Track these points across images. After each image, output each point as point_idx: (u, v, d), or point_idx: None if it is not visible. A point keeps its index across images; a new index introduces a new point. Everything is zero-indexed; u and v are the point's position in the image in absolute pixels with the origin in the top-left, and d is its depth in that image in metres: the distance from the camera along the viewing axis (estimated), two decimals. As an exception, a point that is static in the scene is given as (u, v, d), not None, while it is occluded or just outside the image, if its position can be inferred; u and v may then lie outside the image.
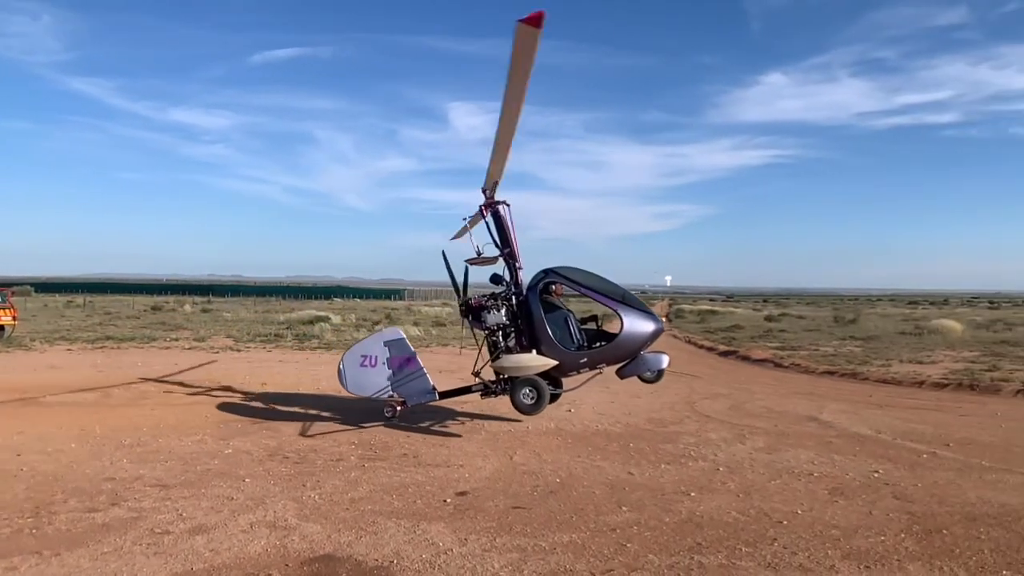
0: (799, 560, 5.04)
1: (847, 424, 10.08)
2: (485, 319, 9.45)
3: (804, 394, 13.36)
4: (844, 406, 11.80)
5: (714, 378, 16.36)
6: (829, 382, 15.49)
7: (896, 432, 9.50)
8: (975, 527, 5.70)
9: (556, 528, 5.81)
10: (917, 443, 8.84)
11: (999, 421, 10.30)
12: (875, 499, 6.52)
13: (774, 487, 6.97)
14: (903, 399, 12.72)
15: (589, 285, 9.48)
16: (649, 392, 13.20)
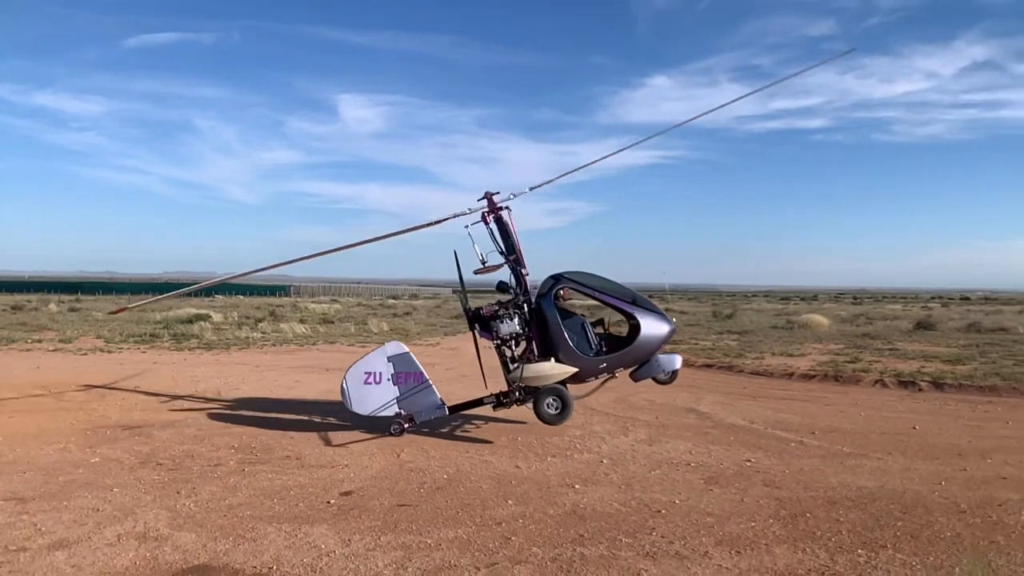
0: (676, 548, 5.30)
1: (723, 415, 10.64)
2: (498, 328, 9.16)
3: (684, 387, 13.95)
4: (720, 398, 12.44)
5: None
6: (707, 375, 16.26)
7: (767, 422, 10.12)
8: (835, 510, 6.18)
9: (442, 524, 5.84)
10: (786, 432, 9.46)
11: (859, 409, 11.16)
12: (747, 487, 6.93)
13: (654, 478, 7.28)
14: (774, 390, 13.55)
15: (601, 289, 9.43)
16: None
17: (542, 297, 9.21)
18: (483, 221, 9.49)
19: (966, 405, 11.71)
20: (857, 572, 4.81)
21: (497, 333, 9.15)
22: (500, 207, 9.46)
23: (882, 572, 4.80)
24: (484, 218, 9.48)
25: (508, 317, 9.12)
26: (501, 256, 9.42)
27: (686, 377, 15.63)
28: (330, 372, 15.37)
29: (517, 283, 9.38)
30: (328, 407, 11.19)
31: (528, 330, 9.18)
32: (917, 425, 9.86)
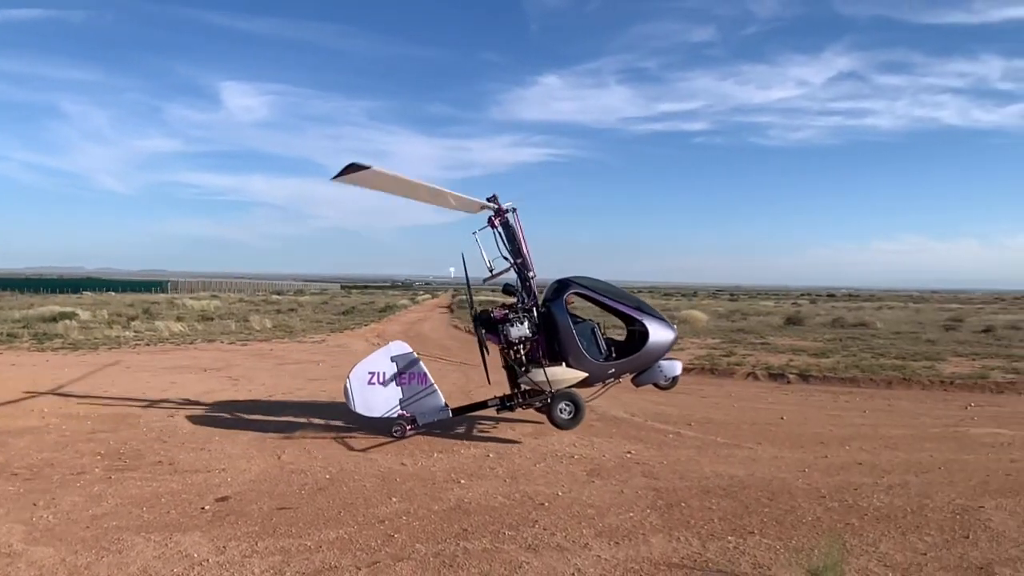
0: (557, 540, 5.39)
1: (606, 408, 10.92)
2: (508, 332, 8.95)
3: (570, 380, 14.26)
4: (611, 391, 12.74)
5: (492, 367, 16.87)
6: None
7: (648, 414, 10.49)
8: (709, 499, 6.47)
9: (323, 526, 5.70)
10: (665, 424, 9.84)
11: (732, 401, 11.76)
12: (627, 478, 7.15)
13: (539, 471, 7.39)
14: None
15: (609, 295, 9.47)
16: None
17: (552, 301, 9.17)
18: (490, 225, 9.31)
19: (829, 396, 12.56)
20: (727, 558, 5.05)
21: (507, 336, 8.98)
22: (506, 210, 9.28)
23: (749, 557, 5.06)
24: (491, 222, 9.30)
25: (519, 321, 8.96)
26: (507, 260, 9.31)
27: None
28: (208, 372, 14.70)
29: (523, 286, 9.28)
30: (207, 409, 10.74)
31: (536, 334, 9.08)
32: (784, 416, 10.49)
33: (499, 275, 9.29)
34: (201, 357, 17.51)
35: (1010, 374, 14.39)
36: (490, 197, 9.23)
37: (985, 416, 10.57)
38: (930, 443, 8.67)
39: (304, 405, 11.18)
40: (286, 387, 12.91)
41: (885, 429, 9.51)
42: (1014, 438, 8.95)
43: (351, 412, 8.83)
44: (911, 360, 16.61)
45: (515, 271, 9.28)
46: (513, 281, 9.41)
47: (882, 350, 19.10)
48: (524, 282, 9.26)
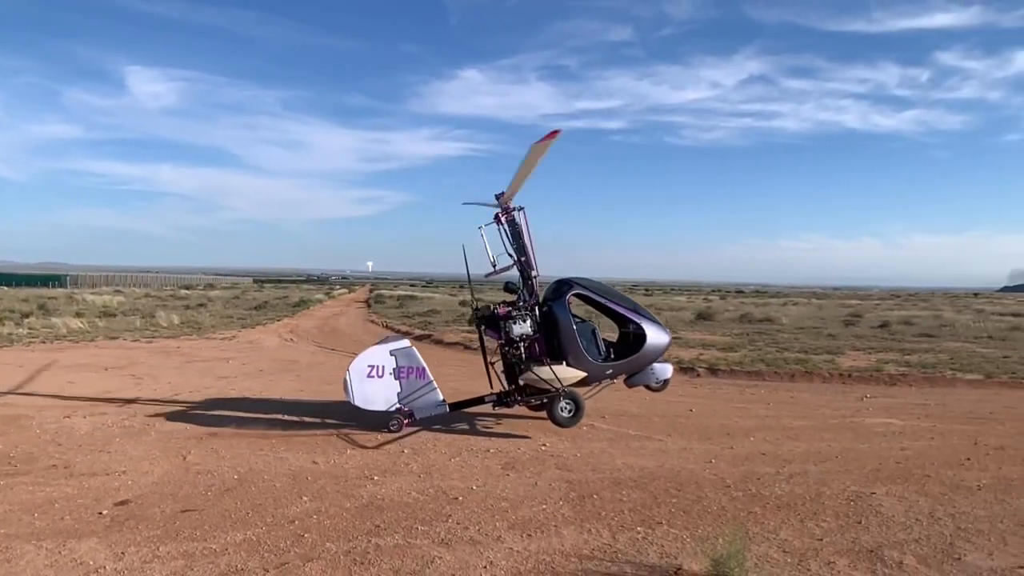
0: (470, 534, 5.40)
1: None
2: (511, 329, 8.93)
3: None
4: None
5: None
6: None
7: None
8: (620, 490, 6.60)
9: (230, 527, 5.52)
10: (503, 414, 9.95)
11: (644, 394, 11.98)
12: (541, 470, 7.23)
13: (453, 465, 7.38)
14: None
15: (608, 296, 9.49)
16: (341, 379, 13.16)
17: (554, 301, 9.19)
18: (496, 222, 9.29)
19: (735, 389, 13.03)
20: (636, 548, 5.16)
21: (509, 334, 8.97)
22: (513, 208, 9.26)
23: (657, 547, 5.19)
24: (497, 219, 9.28)
25: (521, 319, 8.98)
26: (510, 257, 9.29)
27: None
28: (109, 371, 14.01)
29: (524, 284, 9.29)
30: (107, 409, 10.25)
31: (537, 332, 9.08)
32: (694, 408, 10.82)
33: (502, 271, 9.32)
34: (102, 355, 16.67)
35: (902, 367, 15.28)
36: (499, 194, 9.28)
37: (879, 407, 11.18)
38: (828, 433, 9.11)
39: (213, 404, 10.80)
40: (193, 386, 12.44)
41: (787, 420, 9.93)
42: (904, 427, 9.49)
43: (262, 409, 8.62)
44: (813, 354, 17.42)
45: (518, 268, 9.30)
46: (515, 279, 9.42)
47: (786, 344, 19.96)
48: (526, 280, 9.29)
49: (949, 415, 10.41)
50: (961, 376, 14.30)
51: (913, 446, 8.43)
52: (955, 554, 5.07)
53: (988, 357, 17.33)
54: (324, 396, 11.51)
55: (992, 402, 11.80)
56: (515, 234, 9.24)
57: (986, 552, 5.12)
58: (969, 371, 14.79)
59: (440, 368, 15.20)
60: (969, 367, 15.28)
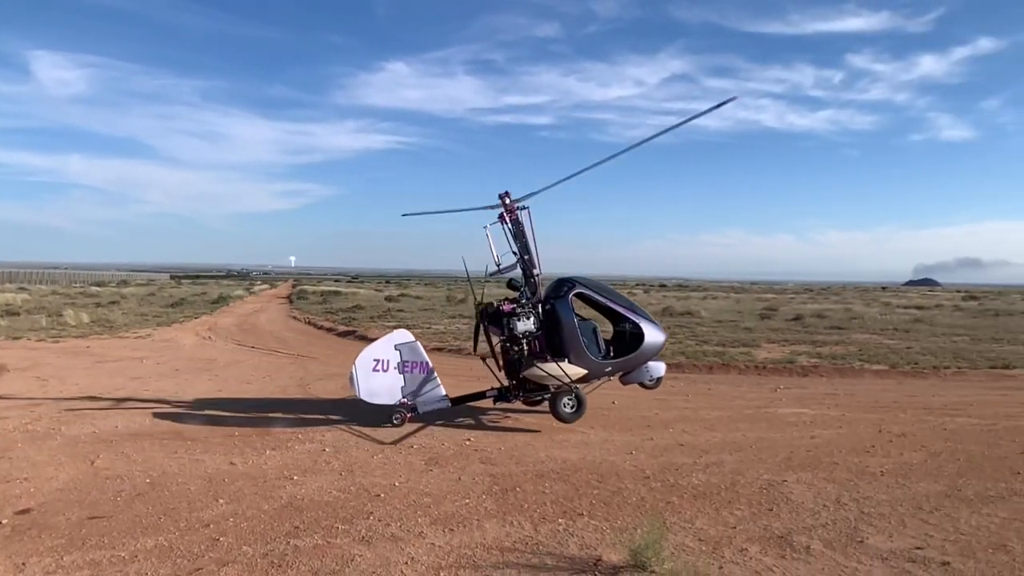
0: (392, 530, 5.37)
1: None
2: (515, 326, 9.10)
3: (413, 370, 14.19)
4: (447, 380, 12.75)
5: (331, 359, 16.55)
6: (436, 358, 16.60)
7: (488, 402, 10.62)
8: (542, 483, 6.67)
9: (140, 534, 5.31)
10: (502, 410, 10.04)
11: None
12: (465, 465, 7.23)
13: (376, 462, 7.31)
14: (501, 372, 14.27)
15: (608, 295, 9.72)
16: (261, 378, 12.89)
17: (557, 299, 9.32)
18: (500, 221, 9.43)
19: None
20: (556, 540, 5.23)
21: (512, 330, 9.11)
22: (517, 208, 9.39)
23: (577, 539, 5.26)
24: (502, 218, 9.41)
25: (525, 316, 9.15)
26: (514, 256, 9.44)
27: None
28: (12, 373, 13.26)
29: (527, 282, 9.44)
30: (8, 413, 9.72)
31: (539, 329, 9.22)
32: (616, 400, 11.00)
33: (506, 269, 9.39)
34: (3, 356, 15.78)
35: (814, 359, 15.95)
36: (502, 194, 9.38)
37: (791, 397, 11.62)
38: (744, 423, 9.42)
39: (124, 406, 10.36)
40: (103, 387, 11.87)
41: (705, 412, 10.21)
42: (815, 417, 9.90)
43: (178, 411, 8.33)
44: (730, 347, 17.99)
45: (521, 267, 9.44)
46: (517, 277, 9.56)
47: (705, 337, 20.53)
48: (529, 278, 9.45)
49: (856, 404, 10.90)
50: (868, 367, 15.02)
51: (823, 435, 8.80)
52: (858, 537, 5.32)
53: (893, 348, 18.25)
54: (243, 395, 11.21)
55: (896, 391, 12.42)
56: (518, 233, 9.43)
57: (887, 535, 5.39)
58: (875, 362, 15.55)
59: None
60: (875, 358, 16.05)
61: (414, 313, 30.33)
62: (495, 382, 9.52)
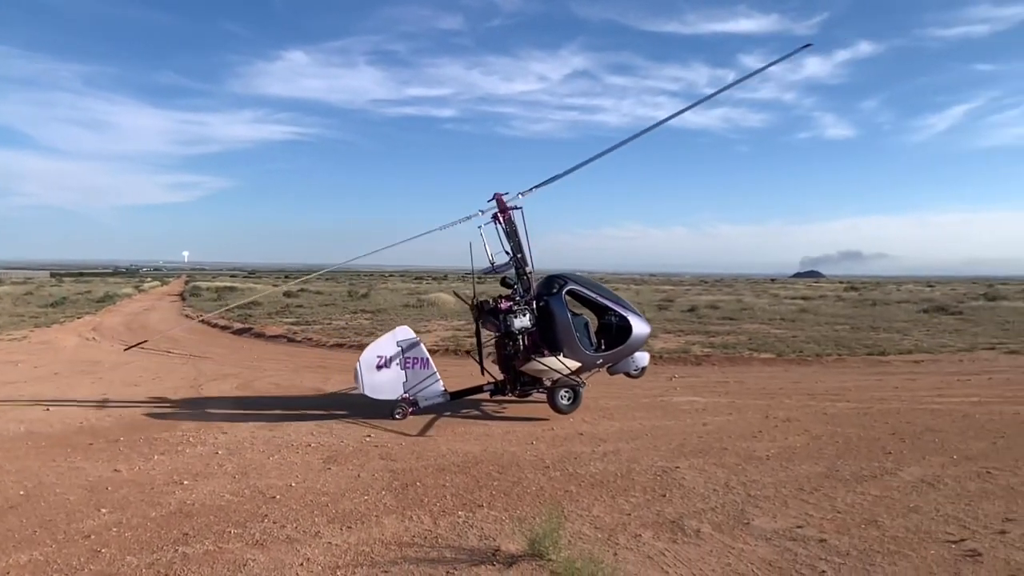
0: (287, 532, 5.24)
1: (346, 393, 10.81)
2: (511, 322, 9.30)
3: (313, 368, 13.92)
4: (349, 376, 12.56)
5: (225, 358, 15.98)
6: (338, 354, 16.41)
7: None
8: (443, 476, 6.67)
9: (13, 549, 4.97)
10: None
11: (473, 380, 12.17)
12: (364, 462, 7.14)
13: (272, 463, 7.11)
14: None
15: (598, 292, 10.01)
16: (150, 380, 12.31)
17: (552, 296, 9.57)
18: (494, 221, 9.64)
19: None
20: (456, 533, 5.24)
21: (510, 326, 9.30)
22: (510, 207, 9.63)
23: (477, 530, 5.30)
24: (496, 218, 9.63)
25: (521, 313, 9.36)
26: (507, 255, 9.65)
27: (316, 357, 15.61)
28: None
29: (520, 280, 9.64)
30: None
31: (534, 325, 9.44)
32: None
33: (501, 268, 9.68)
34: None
35: (707, 348, 16.60)
36: (497, 195, 9.62)
37: (685, 386, 12.06)
38: (640, 412, 9.69)
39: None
40: (-30, 390, 11.07)
41: (604, 401, 10.44)
42: (707, 404, 10.30)
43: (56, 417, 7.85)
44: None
45: (514, 265, 9.66)
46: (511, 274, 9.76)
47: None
48: (521, 276, 9.67)
49: (745, 391, 11.41)
50: (757, 355, 15.76)
51: (714, 421, 9.17)
52: (745, 520, 5.57)
53: (780, 337, 19.19)
54: (130, 398, 10.66)
55: (782, 378, 13.08)
56: (512, 233, 9.63)
57: (771, 516, 5.67)
58: (764, 350, 16.32)
59: (262, 363, 14.64)
60: (763, 347, 16.85)
61: (314, 309, 29.61)
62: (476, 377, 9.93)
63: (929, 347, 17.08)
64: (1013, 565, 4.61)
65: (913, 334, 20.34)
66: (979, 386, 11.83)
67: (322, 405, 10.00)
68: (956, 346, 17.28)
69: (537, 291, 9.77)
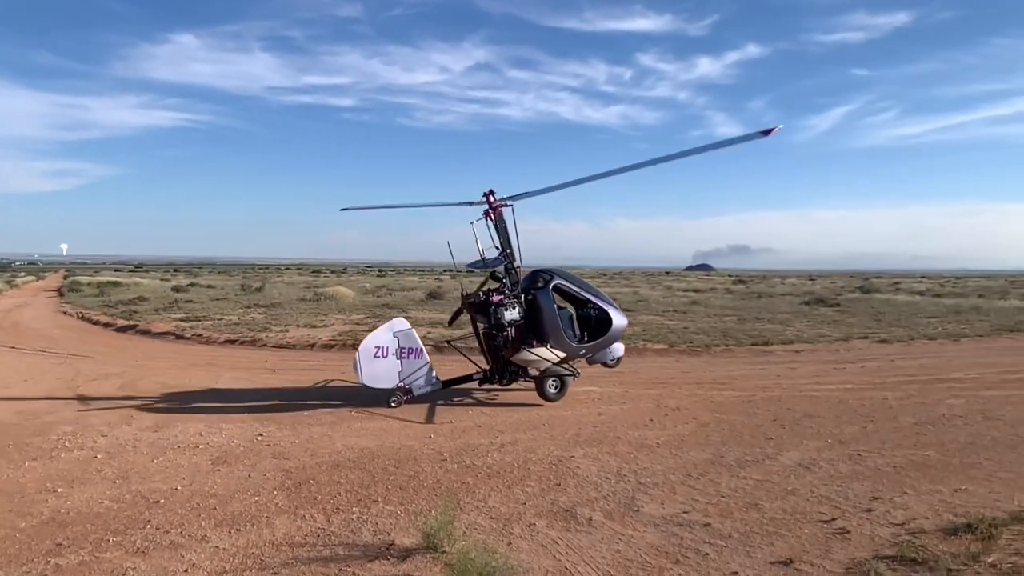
0: (171, 538, 5.03)
1: (238, 391, 10.46)
2: (502, 315, 9.67)
3: (203, 365, 13.37)
4: (241, 373, 12.23)
5: (108, 357, 15.09)
6: (230, 351, 15.83)
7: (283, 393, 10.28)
8: (338, 473, 6.57)
9: None
10: (301, 401, 9.76)
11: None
12: (256, 462, 6.93)
13: (156, 466, 6.79)
14: (296, 362, 13.85)
15: (581, 287, 10.42)
16: (21, 381, 11.52)
17: (539, 290, 10.00)
18: (486, 217, 10.02)
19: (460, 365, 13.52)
20: (350, 529, 5.18)
21: (500, 319, 9.67)
22: (501, 205, 10.02)
23: (371, 525, 5.25)
24: (487, 215, 10.00)
25: (511, 306, 9.76)
26: (497, 249, 10.01)
27: (206, 355, 15.02)
28: None
29: (508, 274, 10.02)
30: None
31: (522, 318, 9.84)
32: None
33: (491, 263, 10.02)
34: None
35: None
36: (487, 193, 9.95)
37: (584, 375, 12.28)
38: (538, 402, 9.83)
39: None
40: None
41: (503, 393, 10.54)
42: (603, 394, 10.56)
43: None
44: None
45: (503, 260, 10.04)
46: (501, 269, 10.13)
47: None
48: (510, 271, 10.07)
49: (639, 381, 11.76)
50: (650, 346, 16.25)
51: (608, 411, 9.42)
52: (635, 506, 5.77)
53: (672, 328, 19.90)
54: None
55: (673, 368, 13.56)
56: (502, 229, 10.03)
57: (659, 502, 5.88)
58: (657, 341, 16.85)
59: (148, 362, 13.96)
60: (657, 338, 17.40)
61: (204, 304, 28.40)
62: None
63: (809, 337, 18.14)
64: (877, 541, 4.96)
65: (795, 325, 21.54)
66: (853, 373, 12.64)
67: (213, 404, 9.62)
68: (833, 336, 18.43)
69: (524, 285, 10.18)
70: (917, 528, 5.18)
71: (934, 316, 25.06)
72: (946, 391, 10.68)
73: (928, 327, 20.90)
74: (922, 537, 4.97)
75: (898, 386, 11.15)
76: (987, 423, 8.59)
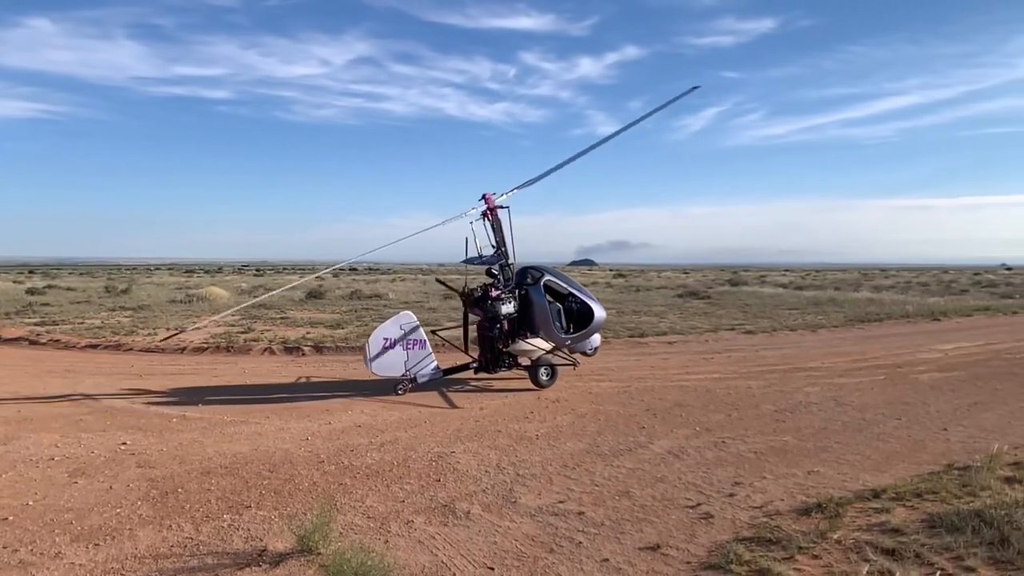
0: (20, 556, 4.69)
1: (102, 397, 9.87)
2: (498, 309, 10.57)
3: (60, 372, 12.50)
4: (103, 379, 11.52)
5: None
6: (91, 356, 14.86)
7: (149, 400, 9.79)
8: (208, 480, 6.32)
9: None
10: (169, 408, 9.30)
11: (245, 378, 11.68)
12: (118, 472, 6.56)
13: (4, 481, 6.30)
14: (165, 366, 13.18)
15: (567, 283, 11.23)
16: None
17: (531, 286, 10.93)
18: (484, 218, 10.94)
19: (340, 365, 13.34)
20: (220, 537, 5.00)
21: (497, 312, 10.56)
22: (498, 206, 10.96)
23: (243, 532, 5.10)
24: (485, 215, 10.93)
25: (507, 300, 10.67)
26: (493, 247, 10.90)
27: (64, 361, 14.08)
28: None
29: (501, 271, 10.85)
30: None
31: (516, 312, 10.77)
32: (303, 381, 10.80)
33: (486, 260, 10.82)
34: None
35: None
36: (485, 194, 10.93)
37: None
38: (422, 400, 9.86)
39: None
40: None
41: (387, 391, 10.46)
42: (480, 387, 10.69)
43: None
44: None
45: (499, 257, 10.88)
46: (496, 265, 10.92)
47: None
48: (504, 267, 10.91)
49: (521, 374, 11.95)
50: (533, 340, 16.53)
51: (490, 405, 9.56)
52: (513, 498, 5.89)
53: (555, 322, 20.30)
54: None
55: (554, 360, 13.87)
56: (498, 229, 10.94)
57: (536, 493, 6.04)
58: (539, 335, 17.17)
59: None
60: (539, 332, 17.72)
61: (64, 307, 26.45)
62: None
63: (681, 329, 19.01)
64: (738, 524, 5.29)
65: (668, 317, 22.52)
66: (720, 363, 13.38)
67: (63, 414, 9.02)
68: (703, 328, 19.38)
69: (516, 280, 11.05)
70: (774, 510, 5.56)
71: (795, 308, 26.77)
72: (804, 379, 11.51)
73: (790, 318, 22.34)
74: (778, 518, 5.34)
75: (761, 375, 11.91)
76: (838, 409, 9.32)
